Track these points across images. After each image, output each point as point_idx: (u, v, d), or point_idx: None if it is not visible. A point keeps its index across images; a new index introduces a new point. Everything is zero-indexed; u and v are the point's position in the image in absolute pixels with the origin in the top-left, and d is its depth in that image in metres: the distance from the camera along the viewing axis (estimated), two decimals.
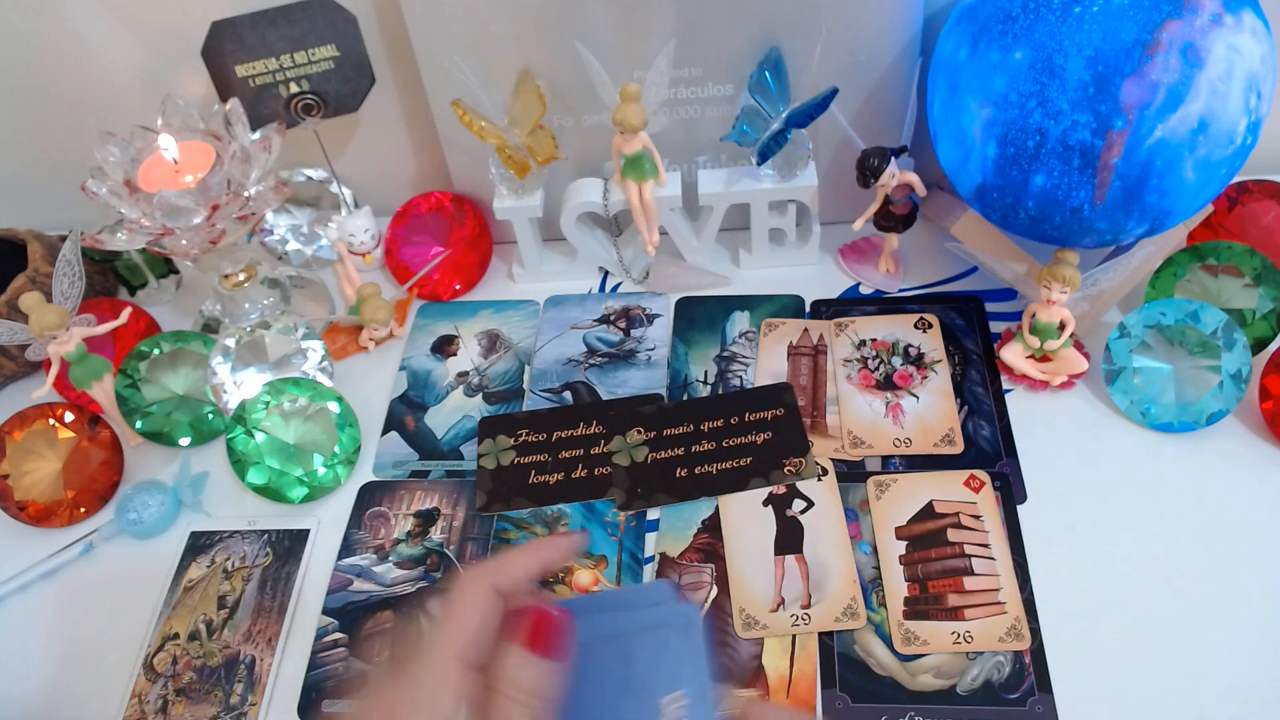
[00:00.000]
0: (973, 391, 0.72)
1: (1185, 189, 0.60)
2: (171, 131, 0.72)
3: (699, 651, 0.43)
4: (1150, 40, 0.56)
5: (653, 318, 0.80)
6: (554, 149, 0.77)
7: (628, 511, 0.67)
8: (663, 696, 0.43)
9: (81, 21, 0.80)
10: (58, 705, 0.63)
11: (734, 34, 0.73)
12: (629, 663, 0.43)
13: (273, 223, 0.88)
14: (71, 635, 0.67)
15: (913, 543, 0.63)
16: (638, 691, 0.43)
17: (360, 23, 0.77)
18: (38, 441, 0.73)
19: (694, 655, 0.43)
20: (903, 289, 0.80)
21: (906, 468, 0.68)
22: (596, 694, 0.43)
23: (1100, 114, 0.58)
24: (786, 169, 0.76)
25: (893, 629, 0.60)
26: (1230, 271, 0.70)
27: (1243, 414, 0.68)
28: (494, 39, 0.75)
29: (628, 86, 0.70)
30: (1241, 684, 0.56)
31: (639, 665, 0.43)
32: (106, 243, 0.69)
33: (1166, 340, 0.68)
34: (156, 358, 0.76)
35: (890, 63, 0.75)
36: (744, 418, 0.71)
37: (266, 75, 0.78)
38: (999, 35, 0.60)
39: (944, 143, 0.67)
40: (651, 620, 0.44)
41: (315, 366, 0.76)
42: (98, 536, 0.71)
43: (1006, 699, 0.56)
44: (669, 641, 0.43)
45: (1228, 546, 0.61)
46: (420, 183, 0.91)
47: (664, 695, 0.43)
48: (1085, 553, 0.62)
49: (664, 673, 0.43)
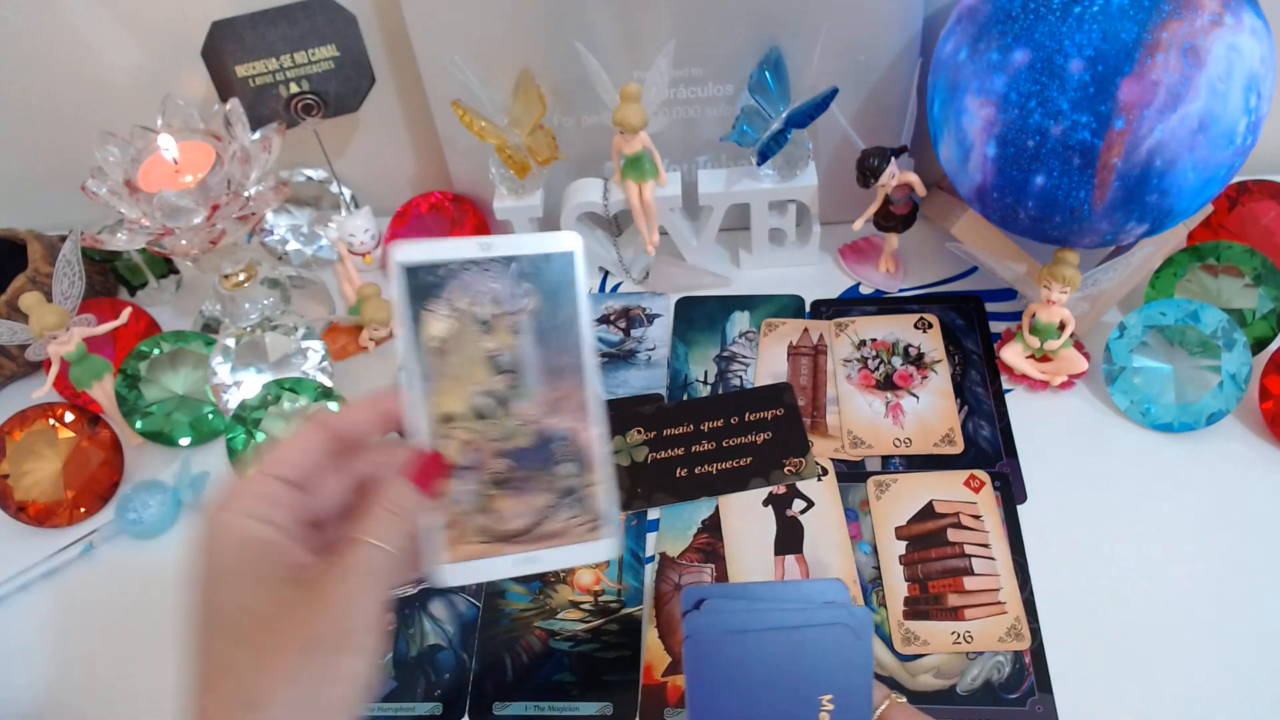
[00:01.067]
0: (973, 391, 0.72)
1: (1185, 189, 0.60)
2: (171, 131, 0.72)
3: (867, 656, 0.44)
4: (1150, 40, 0.56)
5: (653, 318, 0.80)
6: (554, 149, 0.77)
7: (628, 511, 0.67)
8: (823, 695, 0.43)
9: (81, 22, 0.80)
10: (58, 705, 0.63)
11: (734, 34, 0.73)
12: (797, 657, 0.43)
13: (273, 223, 0.88)
14: (72, 635, 0.67)
15: (913, 543, 0.63)
16: (801, 686, 0.43)
17: (360, 23, 0.77)
18: (38, 441, 0.73)
19: (863, 659, 0.44)
20: (903, 289, 0.80)
21: (906, 468, 0.68)
22: (760, 682, 0.43)
23: (1100, 114, 0.58)
24: (786, 169, 0.76)
25: (893, 629, 0.60)
26: (1230, 271, 0.70)
27: (1243, 414, 0.68)
28: (494, 39, 0.75)
29: (628, 86, 0.70)
30: (1241, 684, 0.56)
31: (806, 660, 0.43)
32: (106, 243, 0.69)
33: (1166, 340, 0.68)
34: (156, 358, 0.76)
35: (890, 63, 0.75)
36: (744, 418, 0.71)
37: (266, 75, 0.78)
38: (999, 35, 0.60)
39: (944, 143, 0.67)
40: (825, 617, 0.44)
41: (315, 366, 0.76)
42: (98, 536, 0.71)
43: (1006, 699, 0.56)
44: (841, 642, 0.44)
45: (1227, 546, 0.61)
46: (420, 183, 0.91)
47: (825, 694, 0.43)
48: (1085, 553, 0.62)
49: (828, 671, 0.43)
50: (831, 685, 0.43)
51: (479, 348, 0.45)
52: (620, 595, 0.63)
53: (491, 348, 0.45)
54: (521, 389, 0.45)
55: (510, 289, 0.45)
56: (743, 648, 0.43)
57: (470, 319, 0.45)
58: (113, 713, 0.62)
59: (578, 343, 0.45)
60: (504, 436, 0.46)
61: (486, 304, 0.45)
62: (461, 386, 0.45)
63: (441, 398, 0.45)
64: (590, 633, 0.62)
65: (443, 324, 0.44)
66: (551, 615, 0.63)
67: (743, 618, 0.44)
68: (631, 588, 0.64)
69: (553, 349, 0.45)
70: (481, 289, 0.45)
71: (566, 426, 0.46)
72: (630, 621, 0.62)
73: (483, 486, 0.45)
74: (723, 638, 0.44)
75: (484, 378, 0.45)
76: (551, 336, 0.45)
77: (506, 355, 0.45)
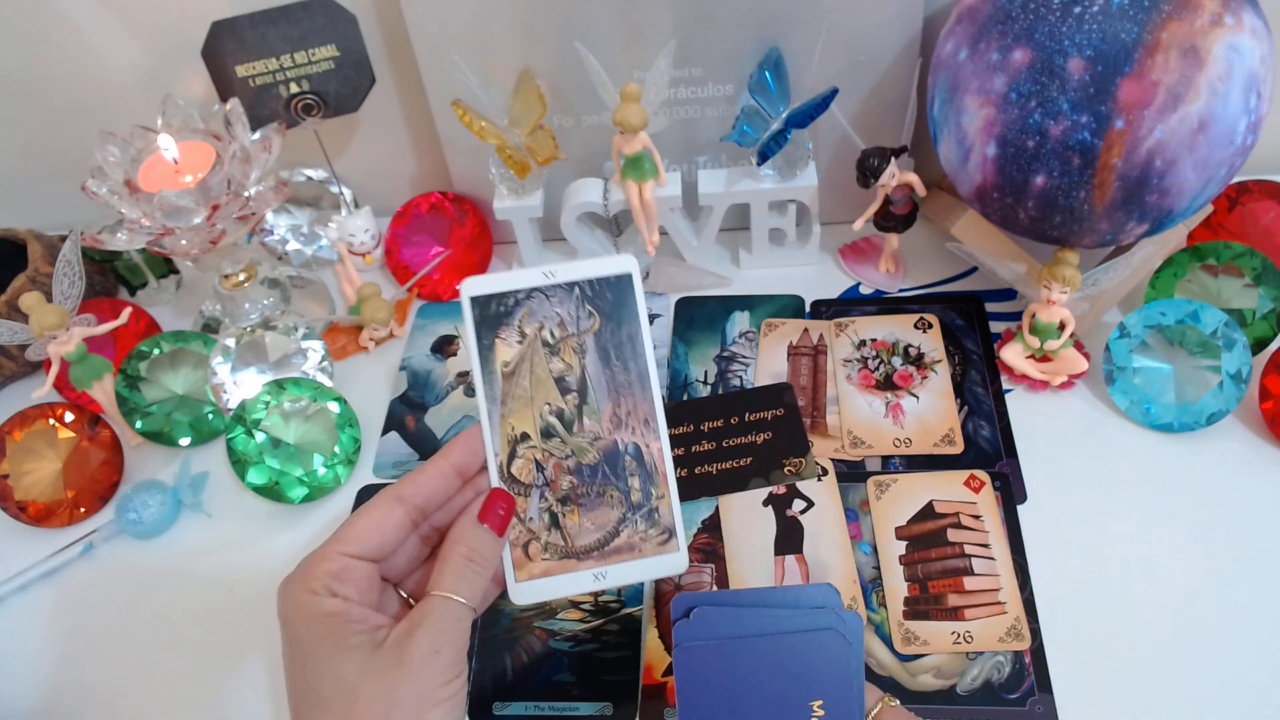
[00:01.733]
0: (973, 391, 0.72)
1: (1185, 189, 0.60)
2: (171, 131, 0.72)
3: (859, 661, 0.44)
4: (1150, 40, 0.56)
5: (653, 318, 0.80)
6: (554, 149, 0.77)
7: None
8: (814, 700, 0.43)
9: (81, 21, 0.80)
10: (58, 705, 0.63)
11: (734, 34, 0.73)
12: (787, 663, 0.43)
13: (273, 223, 0.88)
14: (72, 635, 0.67)
15: (913, 543, 0.63)
16: (791, 692, 0.43)
17: (360, 23, 0.77)
18: (38, 441, 0.73)
19: (854, 664, 0.43)
20: (903, 289, 0.80)
21: (906, 468, 0.68)
22: (751, 689, 0.43)
23: (1100, 114, 0.58)
24: (786, 169, 0.76)
25: (893, 629, 0.60)
26: (1230, 271, 0.70)
27: (1243, 414, 0.68)
28: (494, 39, 0.75)
29: (628, 86, 0.70)
30: (1241, 684, 0.56)
31: (797, 666, 0.43)
32: (106, 243, 0.69)
33: (1166, 340, 0.68)
34: (156, 358, 0.76)
35: (890, 63, 0.75)
36: (744, 418, 0.71)
37: (266, 75, 0.78)
38: (999, 35, 0.60)
39: (944, 143, 0.67)
40: (816, 623, 0.44)
41: (315, 366, 0.76)
42: (98, 536, 0.71)
43: (1006, 699, 0.56)
44: (831, 647, 0.44)
45: (1228, 546, 0.62)
46: (420, 183, 0.91)
47: (816, 699, 0.43)
48: (1085, 553, 0.62)
49: (819, 677, 0.43)
50: (822, 691, 0.43)
51: (546, 369, 0.47)
52: (620, 595, 0.63)
53: (558, 369, 0.47)
54: (588, 406, 0.48)
55: (574, 312, 0.47)
56: (733, 655, 0.43)
57: (538, 343, 0.47)
58: (112, 713, 0.62)
59: (641, 358, 0.47)
60: (573, 453, 0.48)
61: (553, 328, 0.47)
62: (531, 408, 0.47)
63: (513, 419, 0.47)
64: (590, 633, 0.62)
65: (513, 350, 0.47)
66: (551, 615, 0.63)
67: (732, 625, 0.44)
68: (632, 588, 0.64)
69: (616, 366, 0.48)
70: (547, 314, 0.47)
71: (633, 440, 0.48)
72: (630, 621, 0.62)
73: (553, 504, 0.47)
74: (713, 645, 0.44)
75: (553, 398, 0.47)
76: (614, 354, 0.48)
77: (573, 375, 0.47)
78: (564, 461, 0.47)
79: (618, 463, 0.48)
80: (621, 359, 0.48)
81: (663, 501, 0.48)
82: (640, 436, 0.48)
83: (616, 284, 0.48)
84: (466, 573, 0.43)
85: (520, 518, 0.47)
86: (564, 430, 0.48)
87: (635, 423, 0.48)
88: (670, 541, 0.47)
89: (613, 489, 0.48)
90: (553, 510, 0.47)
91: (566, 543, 0.47)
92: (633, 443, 0.48)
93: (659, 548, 0.47)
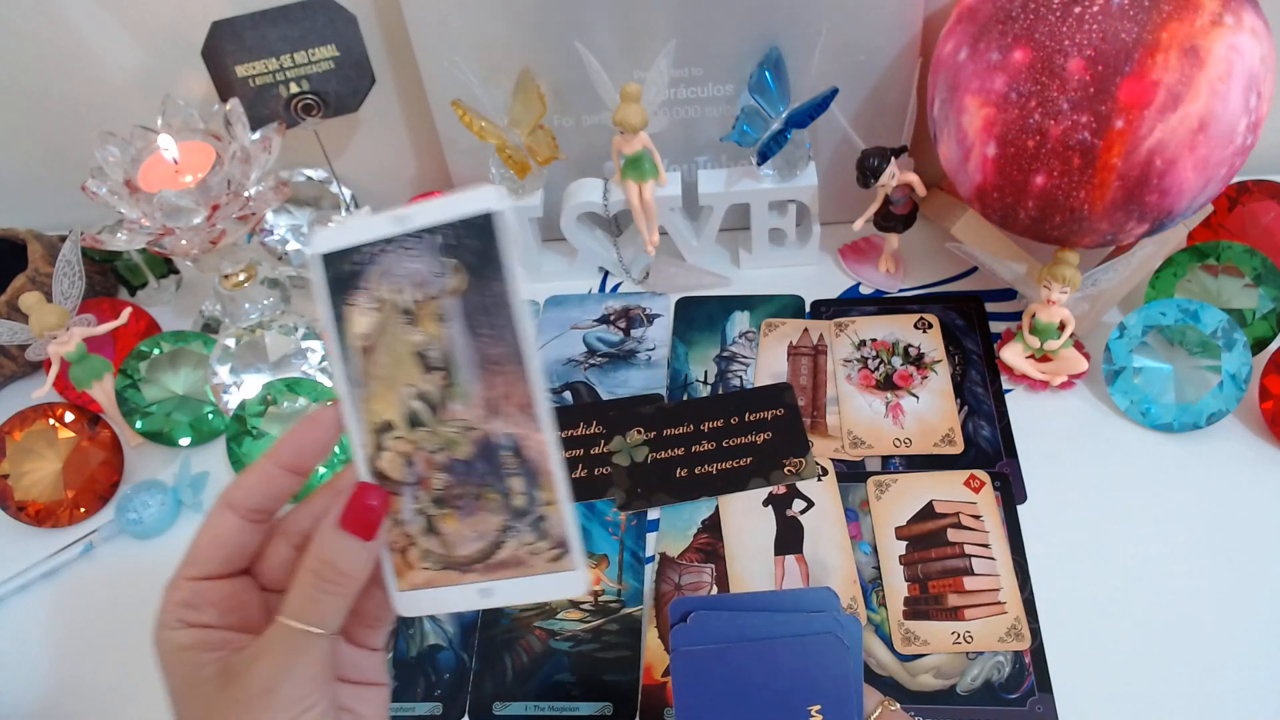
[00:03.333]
0: (973, 391, 0.72)
1: (1185, 189, 0.60)
2: (171, 131, 0.72)
3: (857, 664, 0.43)
4: (1150, 40, 0.56)
5: (653, 318, 0.80)
6: (554, 149, 0.77)
7: (628, 511, 0.67)
8: (812, 705, 0.43)
9: (81, 21, 0.80)
10: (57, 705, 0.63)
11: (734, 34, 0.73)
12: (785, 667, 0.43)
13: (273, 223, 0.88)
14: (72, 635, 0.67)
15: (913, 543, 0.63)
16: (789, 696, 0.43)
17: (360, 23, 0.77)
18: (38, 441, 0.73)
19: (852, 668, 0.43)
20: (903, 289, 0.80)
21: (906, 468, 0.68)
22: (748, 693, 0.43)
23: (1100, 114, 0.58)
24: (786, 169, 0.76)
25: (893, 629, 0.60)
26: (1230, 271, 0.70)
27: (1243, 414, 0.68)
28: (494, 39, 0.75)
29: (628, 86, 0.70)
30: (1242, 684, 0.56)
31: (795, 670, 0.43)
32: (106, 243, 0.69)
33: (1166, 340, 0.68)
34: (156, 358, 0.76)
35: (890, 63, 0.75)
36: (744, 418, 0.71)
37: (266, 75, 0.78)
38: (999, 35, 0.60)
39: (944, 143, 0.67)
40: (813, 627, 0.43)
41: (315, 366, 0.76)
42: (98, 536, 0.71)
43: (1006, 699, 0.56)
44: (829, 650, 0.43)
45: (1228, 546, 0.61)
46: (420, 183, 0.91)
47: (813, 704, 0.43)
48: (1085, 553, 0.62)
49: (817, 681, 0.43)
50: (821, 695, 0.43)
51: (405, 342, 0.38)
52: (620, 595, 0.63)
53: (419, 341, 0.38)
54: (455, 388, 0.38)
55: (432, 268, 0.37)
56: (730, 659, 0.43)
57: (394, 309, 0.38)
58: (112, 713, 0.62)
59: (513, 327, 0.37)
60: (442, 446, 0.38)
61: (410, 289, 0.37)
62: (392, 390, 0.38)
63: (375, 404, 0.38)
64: (590, 633, 0.62)
65: (368, 319, 0.38)
66: (551, 615, 0.63)
67: (730, 629, 0.44)
68: (631, 588, 0.64)
69: (485, 336, 0.37)
70: (402, 272, 0.37)
71: (510, 431, 0.38)
72: (630, 621, 0.62)
73: (426, 505, 0.39)
74: (710, 650, 0.44)
75: (414, 377, 0.38)
76: (482, 321, 0.37)
77: (436, 349, 0.38)
78: (434, 455, 0.38)
79: (494, 458, 0.38)
80: (493, 328, 0.37)
81: (551, 509, 0.39)
82: (518, 426, 0.38)
83: (479, 228, 0.36)
84: (314, 593, 0.37)
85: (395, 519, 0.39)
86: (431, 417, 0.38)
87: (511, 409, 0.38)
88: (564, 558, 0.38)
89: (490, 491, 0.39)
90: (426, 512, 0.39)
91: (445, 551, 0.39)
92: (511, 433, 0.38)
93: (550, 564, 0.38)
